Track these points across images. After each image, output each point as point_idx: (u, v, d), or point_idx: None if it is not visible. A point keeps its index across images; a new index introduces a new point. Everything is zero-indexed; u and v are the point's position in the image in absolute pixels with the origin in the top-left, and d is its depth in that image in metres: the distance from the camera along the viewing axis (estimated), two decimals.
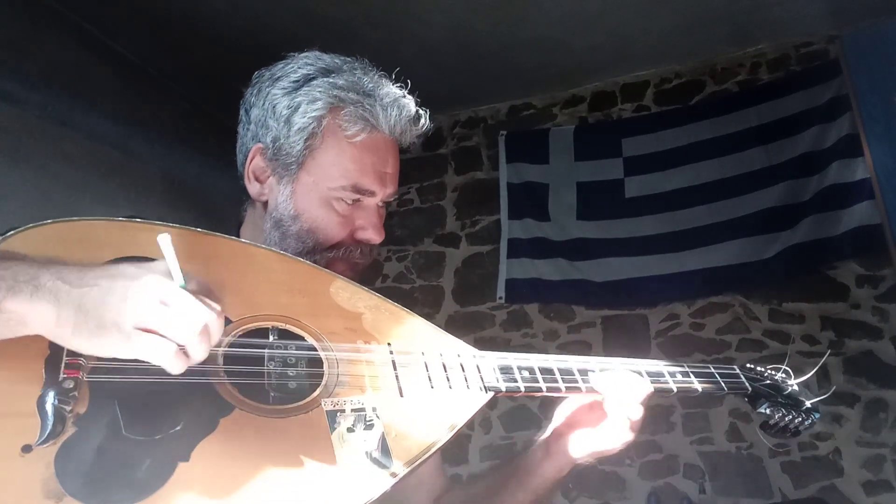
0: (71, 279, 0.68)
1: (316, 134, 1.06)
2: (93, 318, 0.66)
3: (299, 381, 0.83)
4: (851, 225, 3.34)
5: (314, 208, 1.07)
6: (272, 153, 1.09)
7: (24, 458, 0.65)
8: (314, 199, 1.07)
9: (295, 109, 1.06)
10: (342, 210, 1.08)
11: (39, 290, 0.66)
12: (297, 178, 1.08)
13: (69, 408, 0.68)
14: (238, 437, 0.75)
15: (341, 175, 1.06)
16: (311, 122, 1.05)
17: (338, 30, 3.37)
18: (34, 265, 0.69)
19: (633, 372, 1.04)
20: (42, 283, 0.66)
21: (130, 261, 0.73)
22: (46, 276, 0.67)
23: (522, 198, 4.11)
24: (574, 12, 3.41)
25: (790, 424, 1.15)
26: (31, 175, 2.92)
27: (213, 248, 0.92)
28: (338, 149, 1.06)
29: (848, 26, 3.50)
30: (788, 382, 1.22)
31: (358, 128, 1.05)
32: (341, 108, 1.05)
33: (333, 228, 1.08)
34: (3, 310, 0.65)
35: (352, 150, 1.06)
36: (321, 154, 1.07)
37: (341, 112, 1.05)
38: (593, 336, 3.83)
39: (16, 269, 0.67)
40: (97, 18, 3.27)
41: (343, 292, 0.97)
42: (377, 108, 1.06)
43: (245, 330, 0.84)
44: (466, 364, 0.95)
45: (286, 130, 1.06)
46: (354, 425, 0.81)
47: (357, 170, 1.06)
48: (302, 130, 1.05)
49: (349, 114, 1.05)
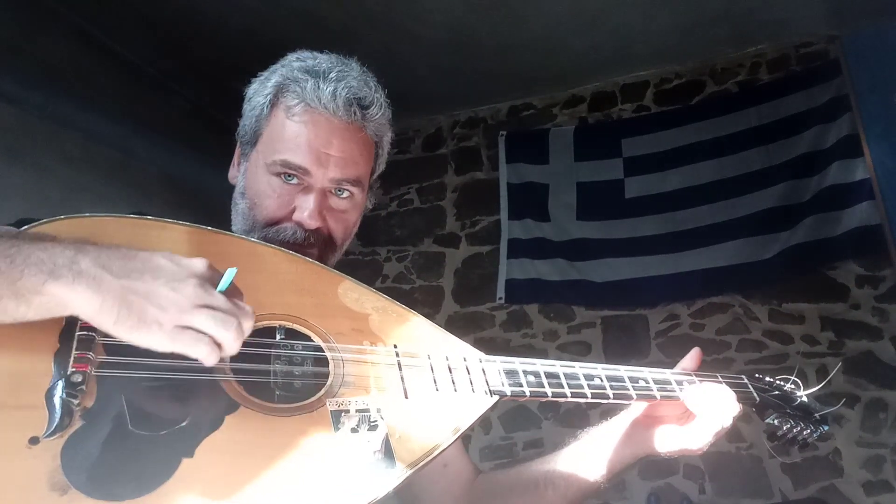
0: (113, 268, 0.69)
1: (264, 113, 1.09)
2: (136, 313, 0.68)
3: (305, 380, 0.83)
4: (851, 225, 3.34)
5: (255, 184, 1.09)
6: (241, 138, 1.15)
7: (31, 449, 0.65)
8: (258, 175, 1.09)
9: (255, 93, 1.12)
10: (278, 188, 1.08)
11: (81, 276, 0.67)
12: (249, 156, 1.12)
13: (77, 401, 0.69)
14: (243, 435, 0.75)
15: (276, 150, 1.07)
16: (263, 100, 1.09)
17: (338, 30, 3.37)
18: (70, 247, 0.69)
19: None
20: (83, 269, 0.67)
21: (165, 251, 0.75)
22: (86, 260, 0.68)
23: (522, 198, 4.11)
24: (574, 12, 3.42)
25: (798, 436, 1.13)
26: (31, 175, 2.92)
27: (222, 247, 0.93)
28: (280, 125, 1.08)
29: (848, 26, 3.50)
30: (798, 393, 1.20)
31: (293, 102, 1.06)
32: (288, 87, 1.08)
33: (269, 204, 1.08)
34: (44, 293, 0.66)
35: (290, 125, 1.07)
36: (267, 131, 1.09)
37: (286, 90, 1.08)
38: (593, 336, 3.83)
39: (52, 250, 0.68)
40: (97, 18, 3.27)
41: (351, 293, 0.97)
42: (318, 84, 1.06)
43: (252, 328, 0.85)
44: (472, 367, 0.95)
45: (247, 112, 1.12)
46: (358, 426, 0.81)
47: (291, 145, 1.06)
48: (254, 109, 1.10)
49: (291, 90, 1.07)
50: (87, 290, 0.67)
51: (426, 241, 4.33)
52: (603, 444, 1.13)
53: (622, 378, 1.04)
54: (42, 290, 0.66)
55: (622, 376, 1.04)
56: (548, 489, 1.14)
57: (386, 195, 4.44)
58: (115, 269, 0.69)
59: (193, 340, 0.70)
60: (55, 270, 0.66)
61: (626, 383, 1.03)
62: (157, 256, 0.73)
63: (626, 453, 1.11)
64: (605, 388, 1.01)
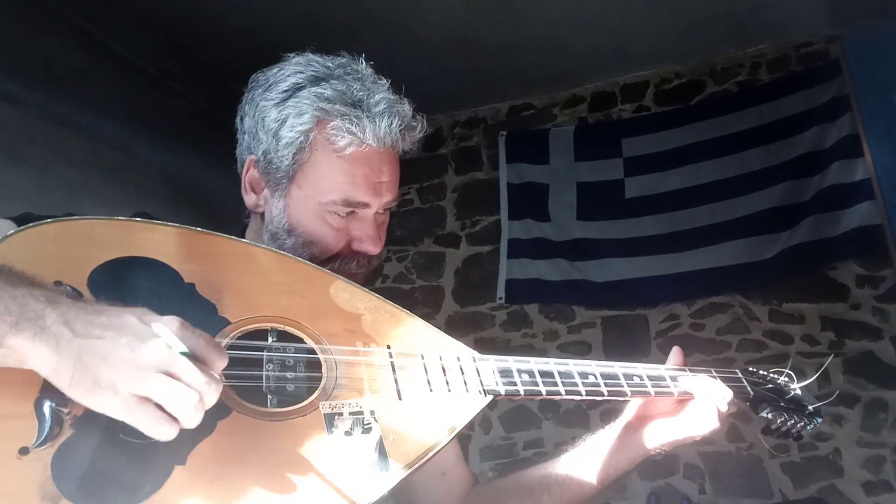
0: (76, 326, 0.66)
1: (304, 148, 1.03)
2: (90, 375, 0.65)
3: (297, 383, 0.83)
4: (851, 225, 3.34)
5: (308, 222, 1.06)
6: (264, 166, 1.07)
7: (21, 460, 0.65)
8: (307, 213, 1.06)
9: (283, 123, 1.04)
10: (336, 223, 1.06)
11: (43, 333, 0.65)
12: (288, 192, 1.07)
13: (66, 410, 0.68)
14: (235, 441, 0.75)
15: (332, 189, 1.04)
16: (299, 136, 1.03)
17: (338, 30, 3.37)
18: (41, 298, 0.67)
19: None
20: (47, 325, 0.65)
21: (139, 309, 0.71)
22: (52, 316, 0.66)
23: (522, 198, 4.11)
24: (574, 12, 3.41)
25: (792, 429, 1.14)
26: (31, 175, 2.92)
27: (213, 248, 0.92)
28: (327, 162, 1.04)
29: (848, 26, 3.49)
30: (791, 386, 1.21)
31: (346, 141, 1.01)
32: (328, 121, 1.02)
33: (329, 241, 1.06)
34: (3, 345, 0.64)
35: (340, 163, 1.03)
36: (310, 168, 1.04)
37: (328, 125, 1.02)
38: (593, 336, 3.83)
39: (23, 300, 0.66)
40: (97, 18, 3.27)
41: (343, 293, 0.97)
42: (364, 120, 1.02)
43: (244, 331, 0.84)
44: (466, 367, 0.95)
45: (275, 144, 1.05)
46: (352, 429, 0.81)
47: (348, 183, 1.04)
48: (290, 145, 1.03)
49: (336, 127, 1.01)
50: (45, 347, 0.64)
51: (426, 241, 4.33)
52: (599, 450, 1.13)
53: (616, 375, 1.04)
54: (2, 342, 0.64)
55: (616, 373, 1.04)
56: (543, 494, 1.14)
57: None
58: (78, 327, 0.66)
59: (150, 418, 0.66)
60: (19, 323, 0.64)
61: (620, 380, 1.04)
62: (127, 314, 0.69)
63: (622, 458, 1.11)
64: (599, 385, 1.01)
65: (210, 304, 0.83)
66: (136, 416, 0.65)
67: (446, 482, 1.21)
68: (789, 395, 1.18)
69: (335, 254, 1.07)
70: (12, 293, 0.66)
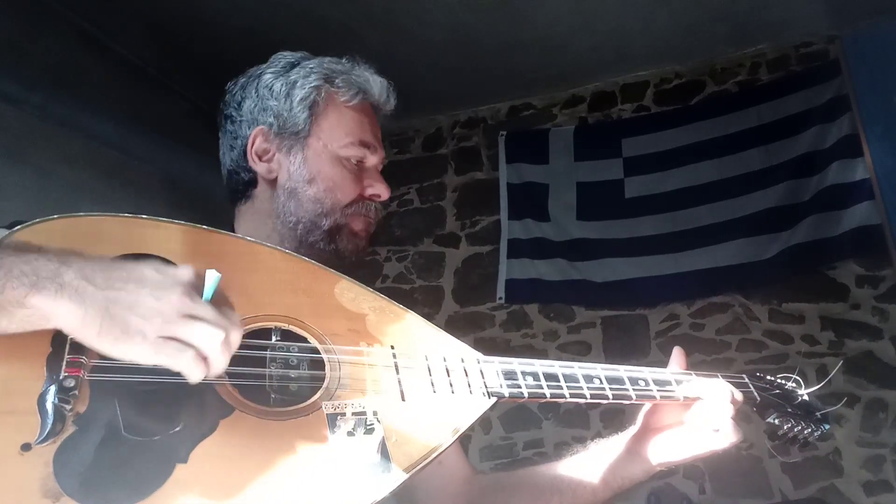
0: (97, 279, 0.68)
1: (318, 102, 1.15)
2: (119, 324, 0.67)
3: (301, 383, 0.83)
4: (851, 225, 3.34)
5: (327, 168, 1.15)
6: (277, 129, 1.16)
7: (23, 456, 0.65)
8: (326, 160, 1.15)
9: (293, 85, 1.16)
10: (353, 170, 1.17)
11: (64, 288, 0.66)
12: (306, 144, 1.15)
13: (69, 406, 0.68)
14: (237, 440, 0.75)
15: (347, 133, 1.16)
16: (311, 91, 1.15)
17: (338, 30, 3.37)
18: (53, 259, 0.68)
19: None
20: (66, 281, 0.66)
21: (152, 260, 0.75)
22: (70, 273, 0.67)
23: (522, 198, 4.10)
24: (574, 12, 3.41)
25: (799, 435, 1.13)
26: (31, 175, 2.92)
27: (217, 246, 0.92)
28: (338, 112, 1.17)
29: (848, 26, 3.49)
30: (799, 392, 1.19)
31: (352, 92, 1.17)
32: (335, 78, 1.17)
33: (348, 185, 1.15)
34: (27, 305, 0.65)
35: (351, 112, 1.18)
36: (324, 119, 1.16)
37: (335, 81, 1.17)
38: (593, 336, 3.83)
39: (35, 263, 0.67)
40: (97, 18, 3.26)
41: (347, 293, 0.96)
42: (365, 74, 1.20)
43: (247, 330, 0.83)
44: (470, 368, 0.94)
45: (288, 104, 1.15)
46: (355, 429, 0.81)
47: (359, 127, 1.18)
48: (304, 100, 1.15)
49: (343, 81, 1.17)
50: (69, 302, 0.66)
51: (426, 241, 4.32)
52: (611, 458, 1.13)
53: (621, 379, 1.04)
54: (24, 303, 0.65)
55: (621, 377, 1.04)
56: (553, 497, 1.14)
57: None
58: (99, 281, 0.68)
59: (177, 351, 0.68)
60: (38, 283, 0.65)
61: (625, 384, 1.03)
62: (142, 266, 0.72)
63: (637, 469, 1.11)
64: (604, 388, 1.01)
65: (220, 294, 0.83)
66: (164, 354, 0.68)
67: (444, 471, 1.21)
68: (797, 400, 1.17)
69: (353, 199, 1.16)
70: (24, 258, 0.67)
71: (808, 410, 1.17)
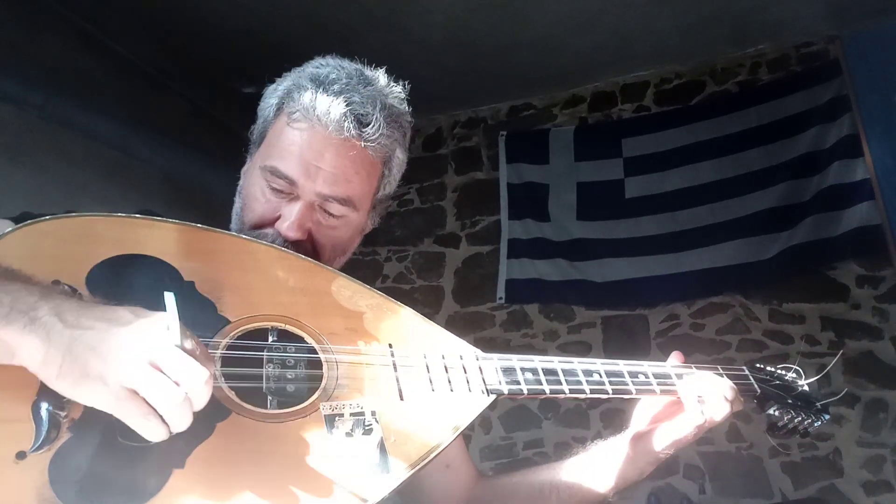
0: (67, 317, 0.65)
1: (270, 116, 1.09)
2: (79, 366, 0.63)
3: (298, 383, 0.82)
4: (851, 225, 3.34)
5: (249, 186, 1.09)
6: (251, 137, 1.14)
7: (18, 464, 0.64)
8: (252, 178, 1.08)
9: (268, 95, 1.12)
10: (267, 194, 1.05)
11: (34, 323, 0.64)
12: (253, 159, 1.12)
13: (64, 413, 0.67)
14: (234, 443, 0.74)
15: (269, 156, 1.05)
16: (270, 105, 1.09)
17: (338, 30, 3.37)
18: (35, 292, 0.67)
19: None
20: (38, 316, 0.64)
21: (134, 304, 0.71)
22: (45, 308, 0.65)
23: (522, 198, 4.10)
24: (574, 12, 3.41)
25: (799, 426, 1.12)
26: (31, 175, 2.92)
27: (214, 244, 0.91)
28: (279, 129, 1.06)
29: (848, 26, 3.49)
30: (799, 383, 1.19)
31: (297, 113, 1.03)
32: (292, 94, 1.05)
33: (256, 208, 1.06)
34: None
35: (288, 132, 1.04)
36: (269, 135, 1.09)
37: (291, 97, 1.05)
38: (593, 336, 3.83)
39: (17, 294, 0.65)
40: (97, 18, 3.26)
41: (345, 291, 0.95)
42: (317, 95, 1.02)
43: (244, 331, 0.83)
44: (468, 366, 0.94)
45: (259, 115, 1.12)
46: (353, 430, 0.80)
47: (284, 153, 1.03)
48: (263, 110, 1.11)
49: (294, 97, 1.04)
50: (35, 338, 0.63)
51: (426, 241, 4.32)
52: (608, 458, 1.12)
53: (621, 373, 1.03)
54: None
55: (621, 371, 1.03)
56: (552, 495, 1.14)
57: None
58: (69, 318, 0.65)
59: (138, 413, 0.64)
60: (10, 315, 0.64)
61: (625, 378, 1.02)
62: (120, 308, 0.69)
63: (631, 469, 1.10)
64: (603, 383, 1.00)
65: (210, 302, 0.82)
66: (124, 409, 0.64)
67: (451, 475, 1.20)
68: (796, 391, 1.17)
69: (259, 223, 1.05)
70: (7, 288, 0.66)
71: (808, 401, 1.16)
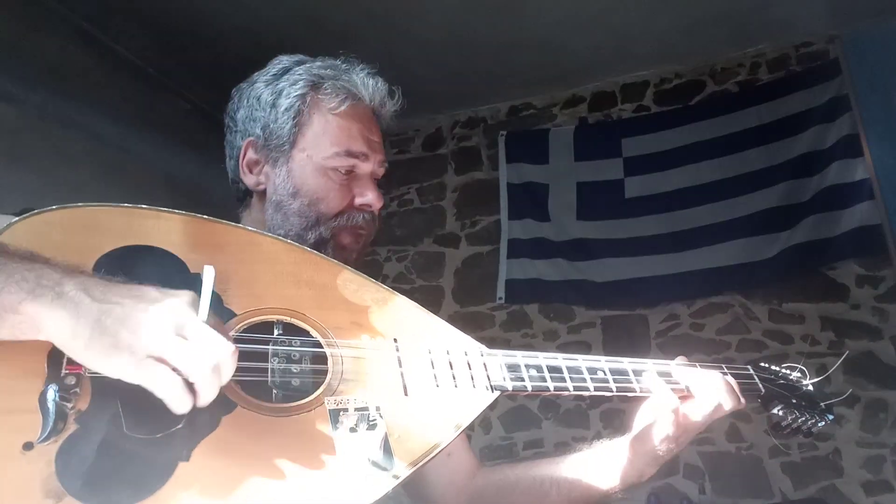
0: (95, 293, 0.67)
1: (302, 111, 1.11)
2: (108, 337, 0.65)
3: (303, 377, 0.82)
4: (851, 225, 3.34)
5: (311, 180, 1.11)
6: (264, 140, 1.13)
7: (25, 455, 0.64)
8: (310, 172, 1.11)
9: (279, 94, 1.12)
10: (338, 179, 1.12)
11: (61, 298, 0.65)
12: (290, 156, 1.12)
13: (71, 404, 0.67)
14: (240, 437, 0.74)
15: (332, 143, 1.11)
16: (296, 100, 1.11)
17: (338, 30, 3.37)
18: (58, 270, 0.68)
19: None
20: (65, 291, 0.65)
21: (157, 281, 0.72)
22: (70, 284, 0.66)
23: (522, 198, 4.10)
24: (574, 12, 3.41)
25: (803, 426, 1.11)
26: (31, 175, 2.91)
27: (220, 237, 0.91)
28: (324, 121, 1.12)
29: (848, 26, 3.49)
30: (804, 382, 1.18)
31: (340, 98, 1.11)
32: (322, 84, 1.12)
33: (333, 197, 1.11)
34: (20, 311, 0.64)
35: (337, 119, 1.12)
36: (309, 129, 1.12)
37: (322, 87, 1.12)
38: (593, 336, 3.83)
39: (40, 271, 0.66)
40: (97, 18, 3.26)
41: (350, 284, 0.95)
42: (355, 78, 1.13)
43: (249, 324, 0.83)
44: (473, 362, 0.94)
45: (274, 115, 1.12)
46: (357, 425, 0.80)
47: (346, 136, 1.12)
48: (289, 110, 1.11)
49: (330, 87, 1.11)
50: (63, 311, 0.65)
51: (426, 241, 4.32)
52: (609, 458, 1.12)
53: (626, 371, 1.03)
54: (18, 309, 0.64)
55: (626, 369, 1.03)
56: (552, 490, 1.14)
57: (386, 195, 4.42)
58: (97, 293, 0.67)
59: (165, 380, 0.65)
60: (36, 290, 0.65)
61: (629, 376, 1.02)
62: (147, 286, 0.70)
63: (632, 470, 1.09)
64: (608, 381, 1.00)
65: (216, 295, 0.82)
66: (151, 377, 0.65)
67: (453, 463, 1.21)
68: (801, 391, 1.16)
69: (339, 211, 1.12)
70: (29, 266, 0.67)
71: (813, 401, 1.15)
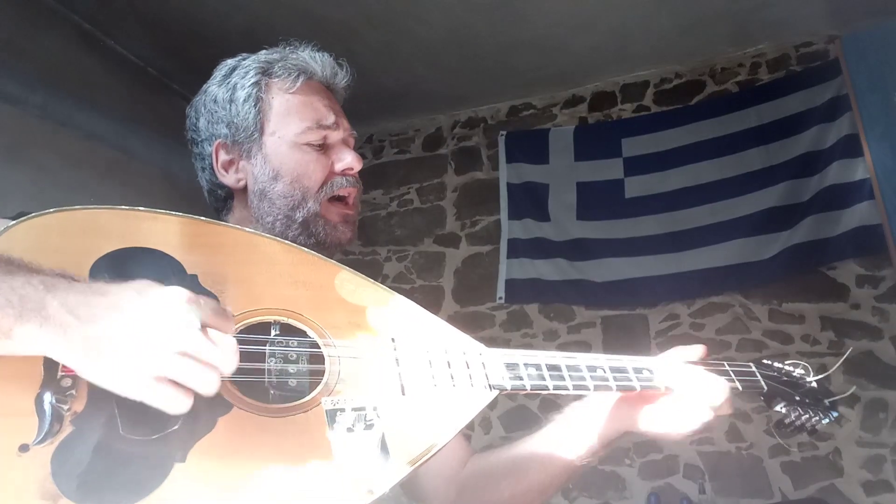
0: (80, 312, 0.66)
1: (261, 97, 1.14)
2: (107, 358, 0.65)
3: (300, 378, 0.82)
4: (851, 225, 3.33)
5: (288, 159, 1.13)
6: (232, 137, 1.15)
7: (20, 457, 0.64)
8: (285, 151, 1.13)
9: (234, 89, 1.15)
10: (314, 153, 1.14)
11: (48, 322, 0.65)
12: (262, 143, 1.14)
13: (67, 406, 0.67)
14: (236, 438, 0.74)
15: (301, 119, 1.14)
16: (252, 88, 1.14)
17: (338, 30, 3.37)
18: (39, 287, 0.67)
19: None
20: (50, 315, 0.65)
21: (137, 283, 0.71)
22: (54, 304, 0.66)
23: (522, 198, 4.10)
24: (574, 12, 3.41)
25: (806, 423, 1.10)
26: (30, 175, 2.92)
27: (216, 237, 0.91)
28: (284, 101, 1.15)
29: (848, 26, 3.50)
30: (807, 379, 1.17)
31: (293, 77, 1.15)
32: (271, 69, 1.16)
33: (314, 169, 1.13)
34: (12, 336, 0.64)
35: (296, 97, 1.15)
36: (272, 112, 1.14)
37: (273, 71, 1.15)
38: (593, 336, 3.82)
39: (22, 291, 0.66)
40: (97, 18, 3.26)
41: (348, 284, 0.95)
42: (302, 55, 1.18)
43: (246, 324, 0.83)
44: (471, 361, 0.93)
45: (234, 109, 1.14)
46: (354, 425, 0.80)
47: (311, 110, 1.15)
48: (248, 100, 1.14)
49: (280, 69, 1.15)
50: (53, 335, 0.65)
51: (426, 241, 4.32)
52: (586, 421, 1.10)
53: (626, 369, 1.01)
54: (10, 334, 0.64)
55: (626, 367, 1.02)
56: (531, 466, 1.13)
57: (386, 195, 4.44)
58: (81, 312, 0.66)
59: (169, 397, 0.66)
60: (23, 314, 0.64)
61: (629, 374, 1.01)
62: (130, 290, 0.69)
63: (611, 429, 1.08)
64: (607, 379, 0.98)
65: (213, 296, 0.82)
66: (160, 399, 0.66)
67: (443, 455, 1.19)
68: (804, 388, 1.15)
69: (323, 181, 1.14)
70: (11, 284, 0.66)
71: (816, 398, 1.14)
